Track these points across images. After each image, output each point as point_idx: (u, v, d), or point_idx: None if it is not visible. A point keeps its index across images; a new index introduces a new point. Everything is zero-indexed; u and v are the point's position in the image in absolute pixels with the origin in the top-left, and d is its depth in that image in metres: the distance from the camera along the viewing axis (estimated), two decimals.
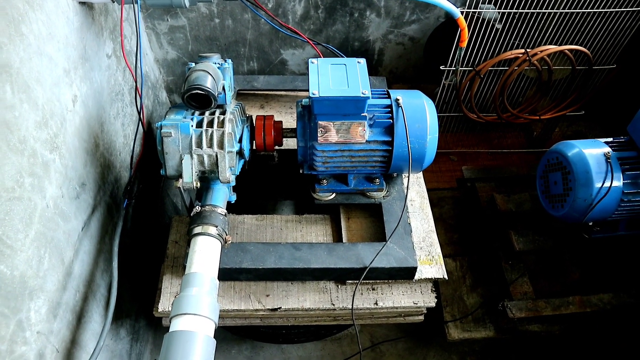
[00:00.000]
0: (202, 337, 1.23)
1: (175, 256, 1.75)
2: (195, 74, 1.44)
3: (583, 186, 1.67)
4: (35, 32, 1.34)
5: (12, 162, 1.23)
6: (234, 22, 2.46)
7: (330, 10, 2.47)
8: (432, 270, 1.71)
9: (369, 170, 1.73)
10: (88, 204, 1.68)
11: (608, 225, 1.86)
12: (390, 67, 2.84)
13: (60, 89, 1.48)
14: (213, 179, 1.58)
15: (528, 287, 1.93)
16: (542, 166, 1.89)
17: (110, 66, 1.89)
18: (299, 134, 1.66)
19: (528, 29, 2.13)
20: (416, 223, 1.84)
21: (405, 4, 2.48)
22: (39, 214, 1.35)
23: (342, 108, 1.54)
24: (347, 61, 1.62)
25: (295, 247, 1.66)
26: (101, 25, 1.81)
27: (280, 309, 1.65)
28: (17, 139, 1.25)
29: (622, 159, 1.69)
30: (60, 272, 1.48)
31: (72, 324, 1.56)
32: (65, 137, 1.51)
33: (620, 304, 1.86)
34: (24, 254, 1.28)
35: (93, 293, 1.72)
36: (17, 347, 1.25)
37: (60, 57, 1.49)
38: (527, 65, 2.08)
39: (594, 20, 2.10)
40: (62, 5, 1.50)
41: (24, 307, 1.28)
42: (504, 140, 2.70)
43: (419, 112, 1.63)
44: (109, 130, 1.87)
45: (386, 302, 1.70)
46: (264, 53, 2.67)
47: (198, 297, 1.29)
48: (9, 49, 1.22)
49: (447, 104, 2.40)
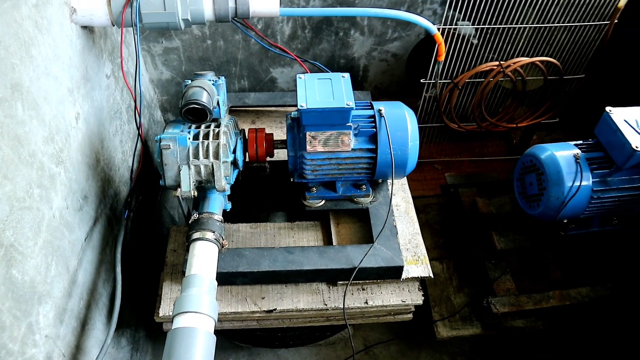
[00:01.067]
0: (203, 333, 1.31)
1: (174, 264, 1.84)
2: (191, 90, 1.56)
3: (555, 185, 1.79)
4: (43, 54, 1.45)
5: (23, 174, 1.32)
6: (225, 43, 2.59)
7: (316, 30, 2.61)
8: (419, 270, 1.81)
9: (356, 177, 1.84)
10: (90, 216, 1.76)
11: (582, 222, 1.98)
12: (375, 83, 2.98)
13: (65, 106, 1.59)
14: (209, 188, 1.68)
15: (511, 284, 2.04)
16: (518, 169, 2.01)
17: (109, 86, 2.00)
18: (289, 144, 1.77)
19: (502, 43, 2.29)
20: (402, 226, 1.94)
21: (387, 23, 2.63)
22: (47, 224, 1.44)
23: (329, 118, 1.65)
24: (332, 76, 1.74)
25: (288, 251, 1.75)
26: (101, 48, 1.92)
27: (275, 311, 1.74)
28: (27, 152, 1.35)
29: (591, 159, 1.82)
30: (65, 279, 1.56)
31: (76, 330, 1.63)
32: (70, 152, 1.61)
33: (597, 296, 1.97)
34: (33, 260, 1.36)
35: (96, 301, 1.79)
36: (27, 349, 1.32)
37: (65, 77, 1.59)
38: (501, 76, 2.23)
39: (561, 33, 2.26)
40: (66, 29, 1.62)
41: (34, 311, 1.36)
42: (485, 149, 2.83)
43: (400, 122, 1.76)
44: (108, 147, 1.97)
45: (376, 301, 1.79)
46: (254, 72, 2.80)
47: (198, 296, 1.38)
48: (20, 69, 1.32)
49: (429, 115, 2.54)
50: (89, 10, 1.67)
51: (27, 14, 1.38)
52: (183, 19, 1.68)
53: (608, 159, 1.81)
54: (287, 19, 2.52)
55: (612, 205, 1.86)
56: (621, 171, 1.79)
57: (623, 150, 1.72)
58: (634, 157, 1.70)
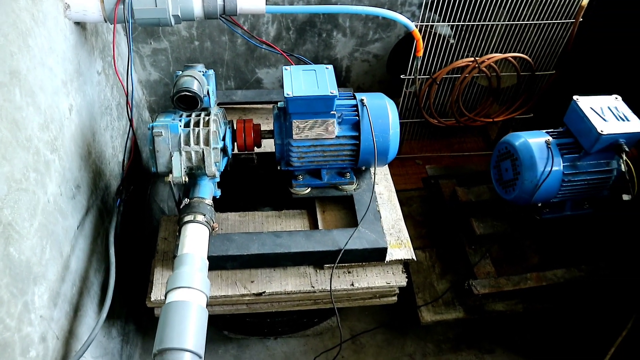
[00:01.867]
0: (195, 306, 1.36)
1: (165, 251, 1.89)
2: (183, 79, 1.63)
3: (529, 169, 1.90)
4: (39, 45, 1.51)
5: (20, 157, 1.37)
6: (212, 44, 2.68)
7: (300, 32, 2.71)
8: (402, 253, 1.89)
9: (340, 164, 1.92)
10: (82, 205, 1.81)
11: (555, 206, 2.08)
12: (357, 83, 3.09)
13: (59, 97, 1.65)
14: (200, 175, 1.75)
15: (490, 268, 2.13)
16: (495, 157, 2.12)
17: (100, 82, 2.06)
18: (276, 133, 1.85)
19: (476, 40, 2.41)
20: (385, 213, 2.02)
21: (368, 24, 2.75)
22: (42, 208, 1.49)
23: (314, 106, 1.74)
24: (317, 67, 1.84)
25: (276, 235, 1.82)
26: (92, 45, 1.99)
27: (264, 293, 1.79)
28: (24, 137, 1.40)
29: (561, 145, 1.94)
30: (59, 264, 1.60)
31: (69, 315, 1.66)
32: (64, 141, 1.66)
33: (571, 277, 2.07)
34: (29, 241, 1.40)
35: (87, 289, 1.83)
36: (23, 326, 1.36)
37: (59, 69, 1.66)
38: (476, 72, 2.35)
39: (531, 31, 2.40)
40: (60, 23, 1.68)
41: (29, 291, 1.40)
42: (464, 145, 2.94)
43: (381, 110, 1.85)
44: (99, 140, 2.02)
45: (361, 283, 1.86)
46: (241, 72, 2.88)
47: (191, 273, 1.43)
48: (18, 57, 1.38)
49: (409, 110, 2.65)
50: (83, 7, 1.74)
51: (24, 5, 1.44)
52: (173, 15, 1.76)
53: (577, 144, 1.93)
54: (272, 20, 2.62)
55: (582, 188, 1.97)
56: (589, 155, 1.90)
57: (590, 135, 1.84)
58: (599, 141, 1.81)
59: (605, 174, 1.94)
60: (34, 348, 1.39)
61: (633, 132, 1.81)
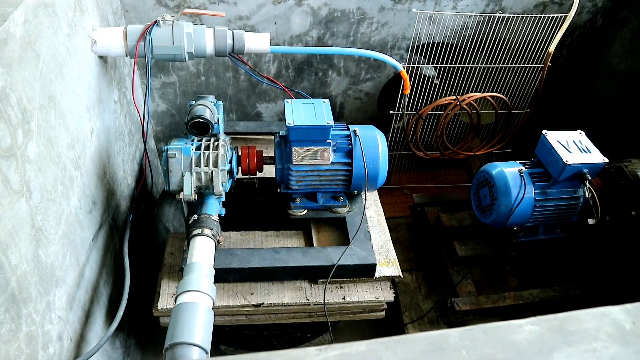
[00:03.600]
0: (203, 307, 1.51)
1: (172, 265, 2.03)
2: (197, 107, 1.84)
3: (504, 195, 2.10)
4: (71, 74, 1.72)
5: (52, 171, 1.55)
6: (217, 79, 2.91)
7: (298, 70, 2.97)
8: (390, 270, 2.05)
9: (334, 188, 2.11)
10: (97, 220, 1.97)
11: (529, 231, 2.28)
12: (350, 118, 3.32)
13: (83, 120, 1.84)
14: (208, 194, 1.92)
15: (472, 288, 2.29)
16: (474, 185, 2.33)
17: (115, 110, 2.27)
18: (277, 158, 2.05)
19: (458, 80, 2.68)
20: (375, 234, 2.20)
21: (361, 65, 3.01)
22: (65, 218, 1.65)
23: (312, 135, 1.94)
24: (315, 101, 2.06)
25: (275, 251, 1.98)
26: (111, 77, 2.20)
27: (263, 305, 1.94)
28: (56, 153, 1.58)
29: (533, 174, 2.15)
30: (76, 270, 1.74)
31: (82, 320, 1.79)
32: (85, 160, 1.84)
33: (546, 297, 2.23)
34: (54, 246, 1.56)
35: (97, 298, 1.96)
36: (46, 323, 1.49)
37: (85, 96, 1.86)
38: (458, 109, 2.60)
39: (507, 73, 2.67)
40: (88, 56, 1.90)
41: (52, 291, 1.54)
42: (448, 177, 3.16)
43: (372, 140, 2.06)
44: (113, 163, 2.20)
45: (352, 297, 2.01)
46: (242, 106, 3.11)
47: (199, 278, 1.59)
48: (55, 84, 1.59)
49: (398, 144, 2.87)
50: (107, 42, 1.97)
51: (62, 40, 1.66)
52: (188, 52, 1.99)
53: (547, 173, 2.15)
54: (273, 60, 2.87)
55: (553, 213, 2.17)
56: (558, 183, 2.12)
57: (557, 164, 2.06)
58: (565, 170, 2.03)
59: (573, 200, 2.16)
60: (52, 345, 1.52)
61: (595, 162, 2.04)
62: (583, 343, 0.68)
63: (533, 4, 2.83)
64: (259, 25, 2.69)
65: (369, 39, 2.87)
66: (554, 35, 2.46)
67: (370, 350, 0.62)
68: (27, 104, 1.39)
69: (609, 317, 0.73)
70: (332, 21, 2.74)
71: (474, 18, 2.74)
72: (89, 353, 1.66)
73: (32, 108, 1.43)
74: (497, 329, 0.68)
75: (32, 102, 1.43)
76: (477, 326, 0.68)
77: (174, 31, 1.95)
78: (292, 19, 2.70)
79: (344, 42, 2.86)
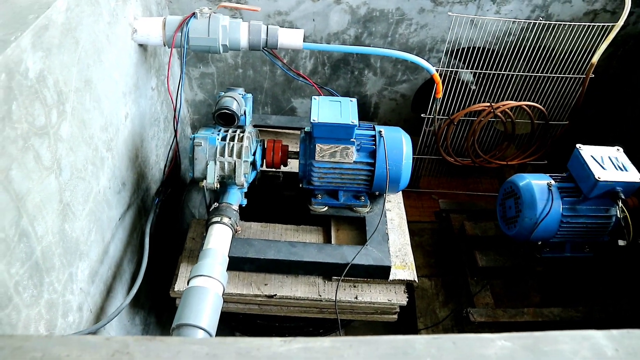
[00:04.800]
0: (213, 293, 1.56)
1: (192, 249, 2.11)
2: (224, 99, 1.89)
3: (529, 208, 2.04)
4: (109, 61, 1.81)
5: (83, 151, 1.64)
6: (254, 72, 2.97)
7: (334, 68, 2.98)
8: (405, 274, 2.04)
9: (356, 187, 2.12)
10: (125, 201, 2.06)
11: (555, 247, 2.19)
12: (384, 120, 3.31)
13: (118, 105, 1.93)
14: (230, 183, 1.98)
15: (490, 299, 2.24)
16: (501, 195, 2.27)
17: (152, 97, 2.36)
18: (301, 154, 2.07)
19: (495, 87, 2.61)
20: (394, 237, 2.19)
21: (397, 66, 2.99)
22: (93, 196, 1.74)
23: (335, 133, 1.96)
24: (342, 99, 2.07)
25: (291, 245, 2.01)
26: (150, 64, 2.29)
27: (275, 296, 1.97)
28: (88, 134, 1.67)
29: (562, 189, 2.07)
30: (100, 247, 1.84)
31: (103, 294, 1.89)
32: (117, 142, 1.93)
33: (567, 317, 2.15)
34: (80, 222, 1.65)
35: (120, 275, 2.06)
36: (67, 293, 1.58)
37: (122, 82, 1.95)
38: (492, 116, 2.53)
39: (546, 82, 2.58)
40: (127, 45, 1.99)
41: (75, 264, 1.63)
42: (480, 185, 3.09)
43: (397, 142, 2.05)
44: (146, 147, 2.29)
45: (365, 297, 2.01)
46: (277, 100, 3.16)
47: (212, 264, 1.64)
48: (92, 69, 1.67)
49: (428, 147, 2.83)
50: (147, 32, 2.05)
51: (103, 28, 1.75)
52: (222, 45, 2.04)
53: (577, 189, 2.06)
54: (310, 56, 2.90)
55: (581, 231, 2.08)
56: (588, 200, 2.03)
57: (588, 180, 1.97)
58: (597, 187, 1.95)
59: (604, 219, 2.06)
60: (72, 314, 1.62)
61: (630, 181, 1.94)
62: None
63: (583, 11, 2.71)
64: (298, 22, 2.72)
65: (407, 40, 2.84)
66: (599, 45, 2.35)
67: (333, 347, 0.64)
68: (63, 86, 1.48)
69: (589, 341, 0.71)
70: (370, 20, 2.73)
71: (518, 24, 2.66)
72: (105, 320, 1.75)
73: (68, 91, 1.52)
74: (467, 341, 0.68)
75: (69, 85, 1.52)
76: (446, 335, 0.68)
77: (210, 24, 2.01)
78: (330, 16, 2.71)
79: (381, 42, 2.84)
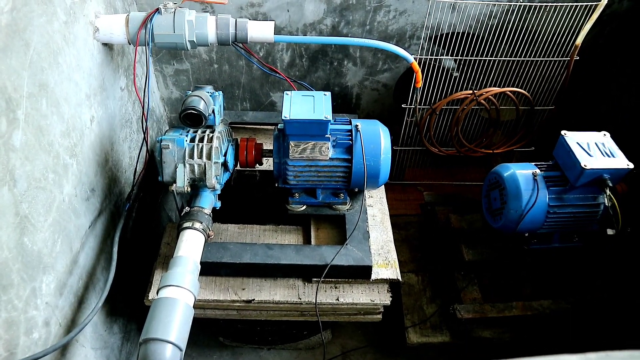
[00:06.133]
0: (182, 304, 1.49)
1: (167, 255, 2.03)
2: (190, 98, 1.80)
3: (514, 198, 1.97)
4: (68, 63, 1.71)
5: (41, 159, 1.55)
6: (230, 67, 2.87)
7: (312, 60, 2.89)
8: (388, 272, 1.98)
9: (334, 184, 2.04)
10: (95, 207, 1.98)
11: (543, 238, 2.13)
12: (367, 110, 3.22)
13: (82, 109, 1.84)
14: (201, 186, 1.90)
15: (477, 294, 2.18)
16: (485, 186, 2.20)
17: (122, 97, 2.27)
18: (275, 152, 1.99)
19: (477, 74, 2.53)
20: (376, 234, 2.12)
21: (378, 55, 2.90)
22: (57, 205, 1.66)
23: (309, 129, 1.88)
24: (315, 94, 1.98)
25: (268, 247, 1.94)
26: (118, 64, 2.20)
27: (254, 301, 1.91)
28: (47, 141, 1.59)
29: (548, 178, 2.00)
30: (68, 258, 1.76)
31: (74, 306, 1.82)
32: (83, 148, 1.85)
33: (557, 309, 2.09)
34: (42, 234, 1.57)
35: (93, 285, 1.98)
36: (30, 309, 1.51)
37: (84, 84, 1.86)
38: (474, 104, 2.45)
39: (530, 67, 2.50)
40: (89, 44, 1.89)
41: (38, 278, 1.56)
42: (467, 175, 3.02)
43: (374, 136, 1.97)
44: (117, 150, 2.21)
45: (347, 299, 1.95)
46: (256, 95, 3.07)
47: (182, 273, 1.57)
48: (48, 72, 1.58)
49: (411, 138, 2.76)
50: (110, 30, 1.95)
51: (58, 28, 1.65)
52: (189, 41, 1.95)
53: (564, 178, 1.99)
54: (286, 49, 2.80)
55: (569, 221, 2.02)
56: (575, 189, 1.96)
57: (574, 168, 1.90)
58: (583, 175, 1.88)
59: (592, 208, 2.00)
60: (37, 330, 1.54)
61: (617, 168, 1.87)
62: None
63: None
64: (272, 13, 2.62)
65: (386, 28, 2.74)
66: (584, 26, 2.27)
67: None
68: (12, 92, 1.39)
69: None
70: (347, 9, 2.64)
71: (500, 7, 2.57)
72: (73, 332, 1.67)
73: (19, 97, 1.43)
74: None
75: (19, 90, 1.43)
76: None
77: (175, 19, 1.92)
78: (305, 6, 2.61)
79: (359, 31, 2.75)
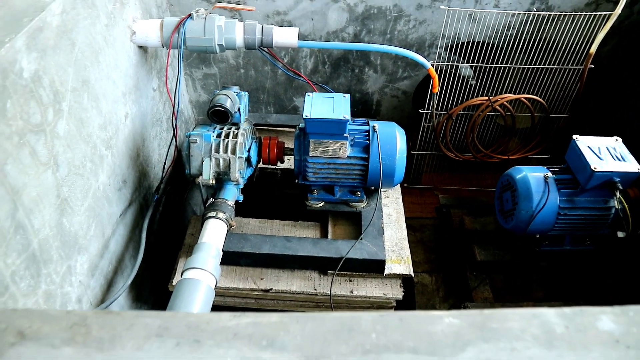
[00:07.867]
0: (205, 285, 1.60)
1: (191, 245, 2.15)
2: (218, 97, 1.93)
3: (525, 199, 2.02)
4: (107, 62, 1.87)
5: (81, 148, 1.70)
6: (256, 72, 3.01)
7: (335, 66, 3.00)
8: (401, 268, 2.05)
9: (351, 182, 2.13)
10: (126, 198, 2.12)
11: (555, 240, 2.17)
12: (386, 117, 3.31)
13: (118, 105, 1.99)
14: (226, 180, 2.02)
15: (488, 294, 2.23)
16: (498, 188, 2.25)
17: (154, 97, 2.42)
18: (295, 150, 2.10)
19: (493, 81, 2.60)
20: (391, 232, 2.20)
21: (398, 63, 3.00)
22: (92, 192, 1.80)
23: (328, 128, 1.98)
24: (335, 95, 2.09)
25: (287, 239, 2.04)
26: (151, 66, 2.35)
27: (271, 290, 2.00)
28: (86, 132, 1.73)
29: (559, 180, 2.05)
30: (100, 242, 1.89)
31: (103, 287, 1.95)
32: (117, 141, 1.99)
33: None
34: (79, 217, 1.71)
35: (122, 270, 2.11)
36: (65, 285, 1.64)
37: (121, 83, 2.01)
38: (490, 110, 2.52)
39: (545, 74, 2.55)
40: (126, 46, 2.05)
41: (73, 257, 1.69)
42: (483, 181, 3.07)
43: (390, 137, 2.06)
44: (148, 146, 2.35)
45: (360, 292, 2.03)
46: (280, 100, 3.20)
47: (205, 257, 1.68)
48: (90, 70, 1.73)
49: (428, 143, 2.83)
50: (145, 33, 2.11)
51: (100, 30, 1.81)
52: (218, 44, 2.09)
53: (575, 180, 2.04)
54: (310, 55, 2.93)
55: (580, 223, 2.06)
56: (586, 192, 2.01)
57: (584, 171, 1.95)
58: (593, 178, 1.92)
59: (603, 211, 2.03)
60: (71, 305, 1.67)
61: (628, 171, 1.91)
62: (502, 341, 0.68)
63: (584, 2, 2.68)
64: (296, 21, 2.75)
65: (406, 37, 2.84)
66: (597, 35, 2.32)
67: (281, 322, 0.66)
68: (59, 86, 1.54)
69: (539, 318, 0.71)
70: (368, 18, 2.75)
71: (517, 16, 2.65)
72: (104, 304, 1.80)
73: (65, 90, 1.57)
74: (414, 318, 0.70)
75: (65, 84, 1.57)
76: (395, 312, 0.70)
77: (206, 24, 2.06)
78: (328, 15, 2.73)
79: (380, 39, 2.85)
